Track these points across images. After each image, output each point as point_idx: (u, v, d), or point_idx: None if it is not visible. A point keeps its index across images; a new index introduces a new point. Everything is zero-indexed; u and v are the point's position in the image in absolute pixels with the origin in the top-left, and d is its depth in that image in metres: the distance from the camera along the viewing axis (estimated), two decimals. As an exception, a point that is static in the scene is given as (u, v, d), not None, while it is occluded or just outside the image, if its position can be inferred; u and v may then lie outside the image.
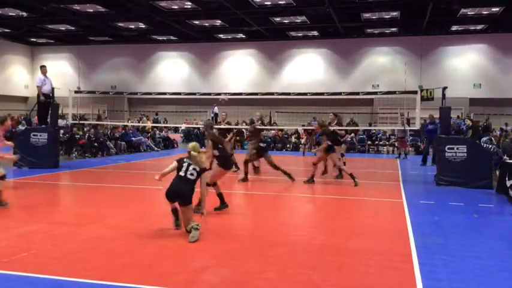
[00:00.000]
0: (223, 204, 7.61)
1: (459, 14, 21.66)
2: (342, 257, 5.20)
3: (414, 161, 17.30)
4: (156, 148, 21.45)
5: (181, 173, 6.15)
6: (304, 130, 21.50)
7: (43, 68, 13.76)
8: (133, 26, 26.07)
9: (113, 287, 4.18)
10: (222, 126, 13.13)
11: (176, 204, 6.17)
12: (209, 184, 7.26)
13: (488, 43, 25.87)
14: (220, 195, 7.64)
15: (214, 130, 9.19)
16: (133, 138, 20.25)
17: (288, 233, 6.38)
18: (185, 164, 6.19)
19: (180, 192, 6.03)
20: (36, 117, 15.78)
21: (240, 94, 20.69)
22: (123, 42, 30.20)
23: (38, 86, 13.42)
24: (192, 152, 6.26)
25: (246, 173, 11.22)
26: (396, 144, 20.84)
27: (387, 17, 22.61)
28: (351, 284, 4.37)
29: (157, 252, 5.23)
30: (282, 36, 27.55)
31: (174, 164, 6.30)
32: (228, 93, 21.60)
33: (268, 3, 20.75)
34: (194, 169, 6.16)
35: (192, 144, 6.46)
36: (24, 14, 23.33)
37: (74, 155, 17.12)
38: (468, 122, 14.75)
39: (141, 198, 9.01)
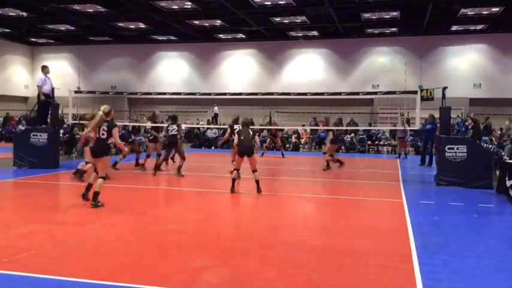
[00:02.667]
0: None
1: (459, 14, 21.66)
2: (342, 257, 5.20)
3: (414, 161, 17.31)
4: None
5: (97, 134, 7.59)
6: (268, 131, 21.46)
7: (45, 68, 13.74)
8: (133, 26, 26.07)
9: (113, 287, 4.18)
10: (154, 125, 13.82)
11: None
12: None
13: (488, 43, 25.86)
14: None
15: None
16: (136, 138, 20.24)
17: (288, 233, 6.38)
18: (97, 128, 7.65)
19: (96, 150, 7.66)
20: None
21: (240, 94, 20.69)
22: (123, 42, 30.19)
23: (38, 86, 13.42)
24: (99, 113, 7.59)
25: None
26: (396, 143, 20.85)
27: (387, 17, 22.61)
28: (351, 284, 4.37)
29: (157, 252, 5.23)
30: (282, 36, 27.54)
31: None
32: (228, 93, 21.60)
33: (268, 3, 20.75)
34: (103, 129, 7.58)
35: (103, 106, 7.74)
36: (24, 14, 23.32)
37: (74, 155, 17.12)
38: (470, 122, 14.74)
39: (140, 198, 9.01)
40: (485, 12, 21.58)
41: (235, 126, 11.66)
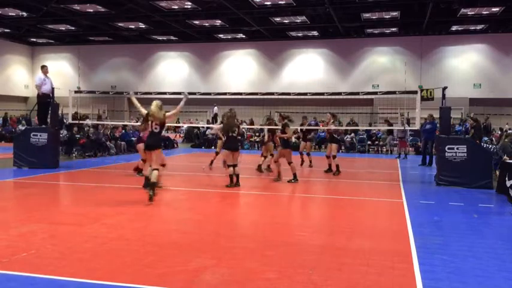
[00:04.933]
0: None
1: (459, 14, 21.67)
2: (342, 257, 5.20)
3: (414, 161, 17.30)
4: None
5: (149, 129, 8.34)
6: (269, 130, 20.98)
7: (44, 68, 13.75)
8: (133, 26, 26.08)
9: (113, 287, 4.18)
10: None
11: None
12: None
13: (488, 43, 25.88)
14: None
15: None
16: (133, 138, 20.27)
17: (288, 233, 6.38)
18: (151, 122, 8.28)
19: (150, 143, 8.26)
20: (36, 117, 15.78)
21: (240, 94, 20.68)
22: (123, 42, 30.21)
23: (36, 85, 13.42)
24: (153, 108, 8.15)
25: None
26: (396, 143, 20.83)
27: (387, 17, 22.62)
28: (351, 284, 4.37)
29: (157, 252, 5.23)
30: (282, 36, 27.56)
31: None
32: (228, 93, 21.60)
33: (268, 3, 20.76)
34: (156, 123, 8.21)
35: (155, 102, 8.27)
36: (24, 14, 23.34)
37: (74, 155, 17.12)
38: (471, 122, 14.46)
39: (141, 198, 9.00)
40: (485, 12, 21.59)
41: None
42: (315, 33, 26.84)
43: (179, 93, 21.37)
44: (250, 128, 23.52)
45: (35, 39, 31.34)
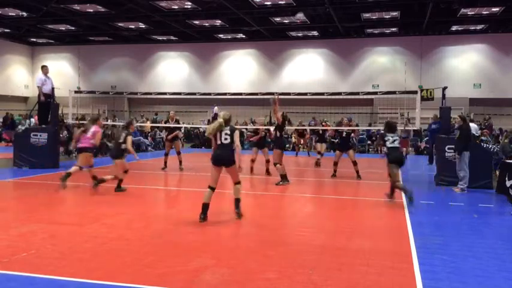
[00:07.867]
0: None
1: (459, 14, 21.66)
2: (342, 257, 5.20)
3: (414, 161, 17.30)
4: (149, 148, 21.56)
5: (218, 141, 6.99)
6: (296, 130, 21.16)
7: (44, 68, 13.77)
8: (133, 26, 26.07)
9: (113, 287, 4.18)
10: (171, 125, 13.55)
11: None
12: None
13: (488, 43, 25.86)
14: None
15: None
16: (133, 138, 20.38)
17: (288, 233, 6.38)
18: (218, 133, 7.00)
19: (222, 157, 6.94)
20: (36, 116, 15.81)
21: (240, 94, 20.67)
22: (123, 42, 30.20)
23: (38, 86, 13.44)
24: (219, 119, 7.05)
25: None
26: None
27: (387, 17, 22.61)
28: (351, 284, 4.37)
29: (157, 252, 5.23)
30: (282, 36, 27.55)
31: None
32: (228, 93, 21.60)
33: (268, 3, 20.76)
34: (226, 134, 6.99)
35: (223, 113, 7.18)
36: (24, 14, 23.33)
37: (74, 155, 17.10)
38: (457, 120, 11.07)
39: (140, 198, 9.01)
40: (485, 12, 21.58)
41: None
42: (315, 33, 26.83)
43: (179, 94, 21.51)
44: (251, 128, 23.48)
45: (35, 39, 31.33)
